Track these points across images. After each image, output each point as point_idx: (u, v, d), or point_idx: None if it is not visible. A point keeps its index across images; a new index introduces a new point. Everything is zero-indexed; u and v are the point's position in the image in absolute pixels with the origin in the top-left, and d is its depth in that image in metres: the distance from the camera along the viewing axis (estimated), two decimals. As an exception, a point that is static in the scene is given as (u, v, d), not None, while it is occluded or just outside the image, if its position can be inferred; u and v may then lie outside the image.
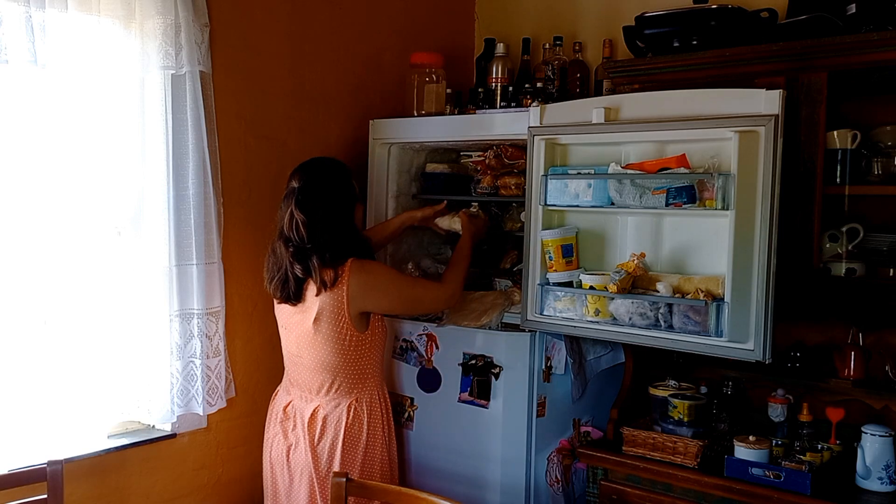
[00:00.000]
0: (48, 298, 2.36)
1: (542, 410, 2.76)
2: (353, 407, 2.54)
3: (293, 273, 2.47)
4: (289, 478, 2.59)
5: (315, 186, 2.51)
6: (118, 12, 2.44)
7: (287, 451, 2.58)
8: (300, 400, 2.60)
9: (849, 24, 2.38)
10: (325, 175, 2.55)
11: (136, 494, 2.62)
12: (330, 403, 2.54)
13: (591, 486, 2.67)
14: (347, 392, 2.55)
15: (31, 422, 2.36)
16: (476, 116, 2.97)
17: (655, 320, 2.40)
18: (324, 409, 2.54)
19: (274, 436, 2.64)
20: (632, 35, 2.79)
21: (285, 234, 2.49)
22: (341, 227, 2.51)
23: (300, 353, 2.57)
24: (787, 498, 2.26)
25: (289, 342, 2.63)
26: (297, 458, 2.56)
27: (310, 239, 2.45)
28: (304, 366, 2.57)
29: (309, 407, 2.56)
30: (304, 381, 2.59)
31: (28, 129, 2.30)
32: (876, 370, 2.52)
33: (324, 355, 2.52)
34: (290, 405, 2.62)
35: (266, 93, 2.91)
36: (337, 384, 2.54)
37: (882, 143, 2.44)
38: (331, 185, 2.53)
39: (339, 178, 2.56)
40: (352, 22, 3.20)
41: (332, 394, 2.54)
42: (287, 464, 2.59)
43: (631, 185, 2.41)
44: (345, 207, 2.55)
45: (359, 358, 2.55)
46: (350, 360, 2.53)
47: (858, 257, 2.43)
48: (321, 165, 2.60)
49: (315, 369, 2.55)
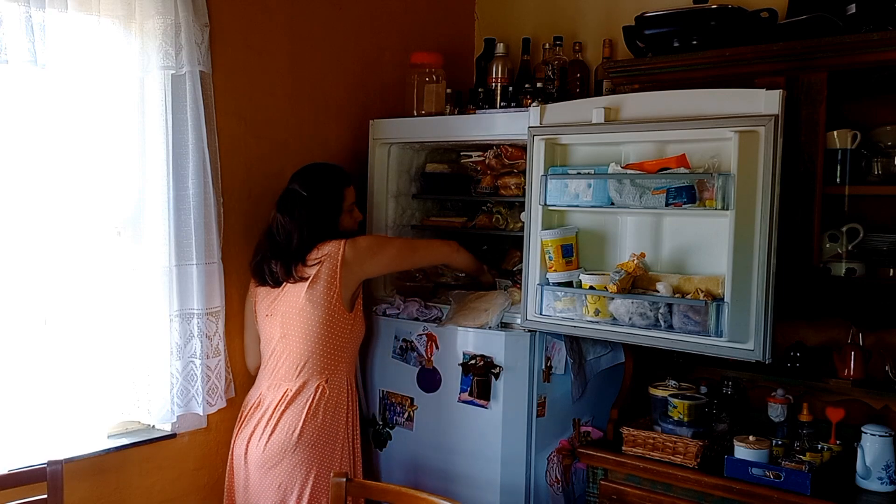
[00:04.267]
0: (48, 298, 2.36)
1: (542, 410, 2.76)
2: (321, 388, 2.61)
3: (268, 266, 2.66)
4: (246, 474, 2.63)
5: (297, 191, 2.68)
6: (118, 12, 2.44)
7: (247, 444, 2.62)
8: (265, 388, 2.66)
9: (849, 24, 2.38)
10: (310, 181, 2.69)
11: (136, 494, 2.62)
12: (297, 382, 2.61)
13: (591, 486, 2.67)
14: (319, 372, 2.62)
15: (31, 422, 2.36)
16: (476, 116, 2.97)
17: (655, 320, 2.40)
18: (291, 389, 2.60)
19: (237, 434, 2.69)
20: (632, 35, 2.80)
21: (270, 230, 2.68)
22: (318, 229, 2.64)
23: (285, 332, 2.63)
24: (787, 498, 2.26)
25: (272, 329, 2.67)
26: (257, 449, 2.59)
27: (286, 240, 2.62)
28: (285, 346, 2.62)
29: (275, 392, 2.62)
30: (277, 365, 2.64)
31: (28, 130, 2.30)
32: (876, 370, 2.52)
33: (308, 325, 2.59)
34: (259, 396, 2.67)
35: (266, 93, 2.91)
36: (311, 363, 2.61)
37: (882, 143, 2.45)
38: (314, 190, 2.67)
39: (324, 185, 2.70)
40: (352, 22, 3.20)
41: (303, 373, 2.61)
42: (245, 458, 2.63)
43: (631, 185, 2.41)
44: (325, 212, 2.68)
45: (338, 337, 2.63)
46: (330, 336, 2.61)
47: (858, 257, 2.43)
48: (313, 171, 2.74)
49: (297, 343, 2.61)
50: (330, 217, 2.69)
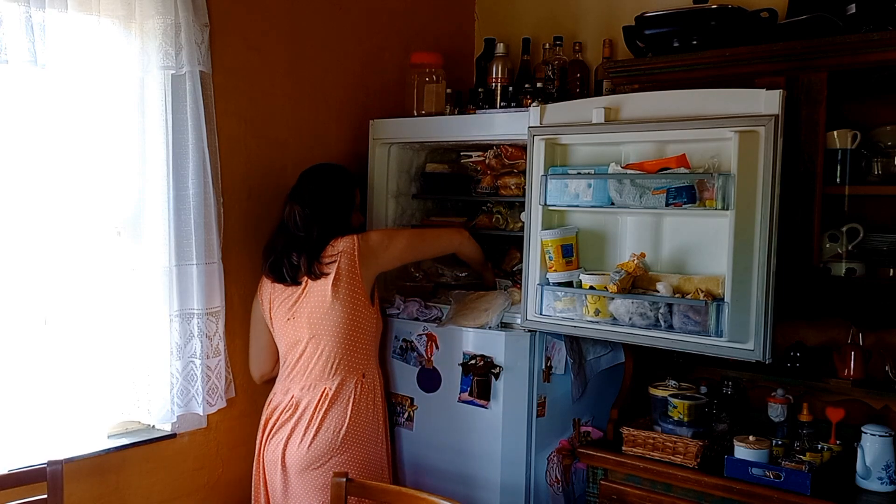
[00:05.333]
0: (48, 298, 2.36)
1: (542, 410, 2.76)
2: (360, 384, 2.62)
3: (289, 260, 2.63)
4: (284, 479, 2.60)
5: (316, 184, 2.70)
6: (118, 12, 2.44)
7: (284, 448, 2.59)
8: (298, 390, 2.63)
9: (849, 24, 2.38)
10: (326, 176, 2.72)
11: (136, 494, 2.62)
12: (335, 381, 2.60)
13: (591, 486, 2.67)
14: (354, 370, 2.62)
15: (31, 422, 2.36)
16: (476, 116, 2.97)
17: (655, 320, 2.40)
18: (330, 389, 2.59)
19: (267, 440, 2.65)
20: (632, 35, 2.80)
21: (284, 223, 2.67)
22: (335, 224, 2.65)
23: (314, 332, 2.61)
24: (787, 498, 2.26)
25: (298, 331, 2.64)
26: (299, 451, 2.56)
27: (306, 231, 2.62)
28: (315, 346, 2.60)
29: (312, 393, 2.60)
30: (309, 367, 2.62)
31: (28, 130, 2.30)
32: (876, 370, 2.52)
33: (337, 323, 2.58)
34: (292, 399, 2.63)
35: (266, 93, 2.91)
36: (345, 361, 2.61)
37: (882, 143, 2.45)
38: (331, 185, 2.71)
39: (340, 182, 2.74)
40: (352, 22, 3.20)
41: (339, 371, 2.60)
42: (283, 462, 2.59)
43: (631, 185, 2.41)
44: (342, 208, 2.71)
45: (367, 332, 2.66)
46: (360, 332, 2.63)
47: (858, 257, 2.44)
48: (327, 168, 2.77)
49: (327, 342, 2.59)
50: (346, 212, 2.72)
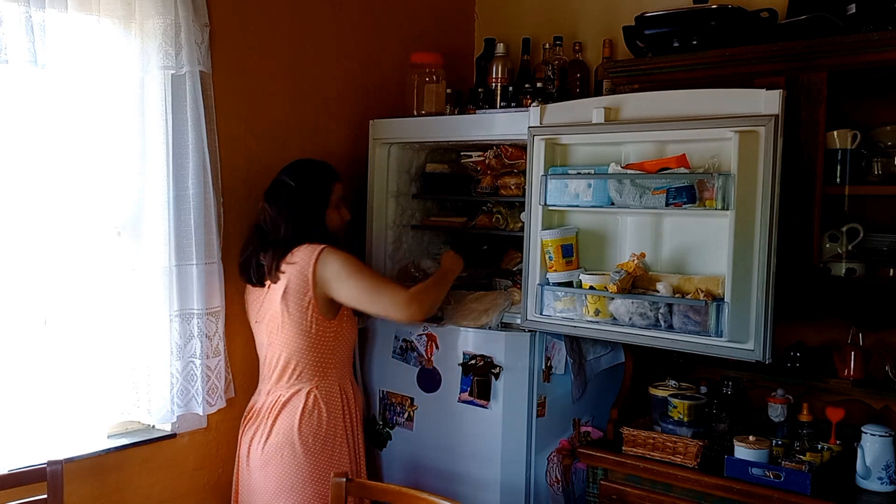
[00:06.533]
0: (48, 298, 2.36)
1: (542, 410, 2.76)
2: (313, 394, 2.60)
3: (256, 259, 2.63)
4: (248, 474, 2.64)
5: (285, 181, 2.67)
6: (118, 12, 2.44)
7: (249, 446, 2.63)
8: (263, 394, 2.66)
9: (849, 24, 2.38)
10: (297, 173, 2.69)
11: (136, 494, 2.62)
12: (290, 390, 2.60)
13: (591, 486, 2.67)
14: (308, 379, 2.60)
15: (31, 422, 2.35)
16: (476, 116, 2.97)
17: (655, 320, 2.40)
18: (283, 396, 2.60)
19: (241, 436, 2.70)
20: (632, 35, 2.80)
21: (258, 223, 2.69)
22: (306, 223, 2.62)
23: (271, 340, 2.63)
24: (787, 498, 2.26)
25: (261, 335, 2.68)
26: (256, 450, 2.60)
27: (273, 230, 2.62)
28: (273, 353, 2.63)
29: (271, 397, 2.62)
30: (270, 372, 2.65)
31: (28, 130, 2.30)
32: (876, 370, 2.53)
33: (289, 334, 2.58)
34: (256, 401, 2.69)
35: (266, 93, 2.91)
36: (298, 370, 2.60)
37: (882, 143, 2.44)
38: (300, 182, 2.67)
39: (310, 178, 2.69)
40: (352, 22, 3.20)
41: (293, 380, 2.60)
42: (248, 459, 2.63)
43: (631, 185, 2.41)
44: (312, 205, 2.67)
45: (321, 345, 2.60)
46: (312, 344, 2.59)
47: (858, 257, 2.44)
48: (301, 164, 2.74)
49: (282, 350, 2.60)
50: (316, 210, 2.67)
